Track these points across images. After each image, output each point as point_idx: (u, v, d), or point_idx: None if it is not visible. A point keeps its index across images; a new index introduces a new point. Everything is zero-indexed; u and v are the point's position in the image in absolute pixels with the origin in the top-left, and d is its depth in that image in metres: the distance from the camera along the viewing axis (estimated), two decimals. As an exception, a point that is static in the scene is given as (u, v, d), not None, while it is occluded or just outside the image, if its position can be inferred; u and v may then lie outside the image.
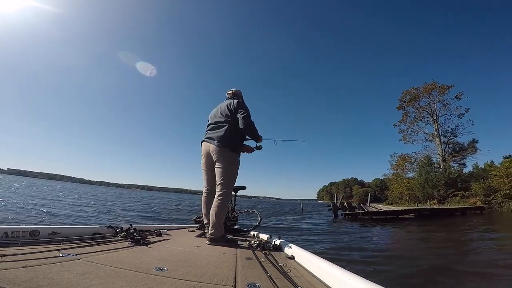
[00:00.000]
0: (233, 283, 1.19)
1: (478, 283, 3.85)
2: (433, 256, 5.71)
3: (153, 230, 2.59)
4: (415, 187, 30.24)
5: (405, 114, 35.49)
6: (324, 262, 1.42)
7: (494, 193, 21.82)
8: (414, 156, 35.01)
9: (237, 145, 2.65)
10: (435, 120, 33.23)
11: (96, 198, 24.03)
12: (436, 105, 33.21)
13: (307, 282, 1.28)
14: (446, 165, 30.70)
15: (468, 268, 4.60)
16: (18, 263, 1.11)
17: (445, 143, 32.90)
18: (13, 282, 0.90)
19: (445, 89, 32.20)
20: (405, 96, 35.31)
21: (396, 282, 3.79)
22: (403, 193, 32.73)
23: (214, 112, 2.82)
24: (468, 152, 31.46)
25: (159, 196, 63.38)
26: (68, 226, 2.15)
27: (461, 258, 5.60)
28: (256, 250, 2.09)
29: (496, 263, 4.93)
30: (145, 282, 1.07)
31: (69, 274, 1.05)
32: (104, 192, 53.36)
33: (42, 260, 1.20)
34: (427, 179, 28.85)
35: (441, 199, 27.12)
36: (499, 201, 20.85)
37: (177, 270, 1.30)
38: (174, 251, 1.85)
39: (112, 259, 1.38)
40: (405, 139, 35.43)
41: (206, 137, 2.70)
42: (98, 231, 2.21)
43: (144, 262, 1.39)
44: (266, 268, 1.46)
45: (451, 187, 27.20)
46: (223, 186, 2.51)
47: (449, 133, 32.79)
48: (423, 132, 34.48)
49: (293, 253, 1.95)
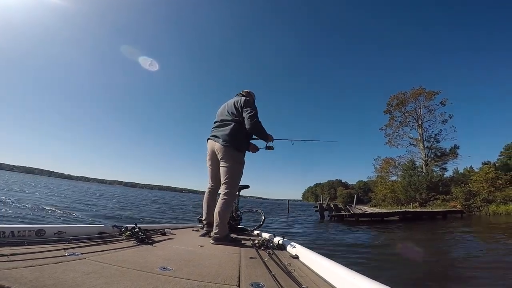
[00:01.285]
0: (237, 283, 1.17)
1: (456, 284, 4.10)
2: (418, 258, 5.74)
3: (158, 229, 2.59)
4: (399, 190, 30.87)
5: (391, 118, 36.22)
6: (328, 262, 1.41)
7: (474, 197, 22.65)
8: (398, 160, 35.87)
9: (242, 144, 2.62)
10: (420, 125, 34.05)
11: (67, 196, 21.89)
12: (421, 111, 34.07)
13: (311, 282, 1.27)
14: (429, 169, 31.54)
15: (447, 270, 4.76)
16: (24, 262, 1.10)
17: (428, 148, 33.78)
18: (19, 281, 0.89)
19: (432, 95, 33.02)
20: (392, 101, 35.98)
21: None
22: (386, 196, 33.36)
23: (221, 110, 2.78)
24: (449, 157, 32.49)
25: (140, 194, 61.41)
26: (73, 226, 2.22)
27: (441, 260, 5.84)
28: (259, 250, 2.08)
29: (472, 264, 5.14)
30: (150, 281, 1.06)
31: (74, 273, 1.05)
32: (83, 188, 50.66)
33: (48, 260, 1.20)
34: (410, 182, 29.53)
35: (423, 202, 27.82)
36: (478, 205, 21.61)
37: (182, 270, 1.30)
38: (179, 250, 1.85)
39: (117, 259, 1.38)
40: (390, 143, 36.21)
41: (212, 134, 2.67)
42: (103, 230, 2.23)
43: (149, 262, 1.39)
44: (270, 268, 1.45)
45: (432, 190, 28.01)
46: (228, 185, 2.50)
47: (433, 138, 33.76)
48: (408, 137, 35.37)
49: (297, 253, 1.93)
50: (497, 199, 21.15)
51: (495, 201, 21.13)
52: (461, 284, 4.04)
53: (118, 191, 65.50)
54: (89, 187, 58.04)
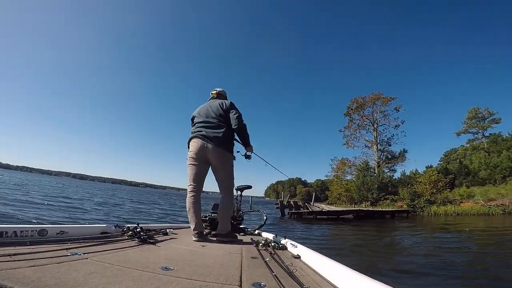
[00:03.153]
0: (239, 283, 1.17)
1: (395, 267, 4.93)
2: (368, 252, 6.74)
3: (160, 229, 2.62)
4: (353, 189, 32.46)
5: (350, 121, 37.93)
6: (330, 261, 1.42)
7: (418, 198, 24.63)
8: (353, 161, 37.78)
9: (232, 146, 2.74)
10: (375, 128, 36.24)
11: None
12: (377, 115, 36.26)
13: (313, 281, 1.27)
14: (380, 170, 33.83)
15: (391, 265, 5.26)
16: (27, 262, 1.10)
17: (381, 150, 36.16)
18: (22, 281, 0.89)
19: (388, 101, 35.31)
20: (352, 104, 37.66)
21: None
22: (341, 194, 34.94)
23: (205, 111, 2.78)
24: (398, 160, 35.28)
25: (98, 187, 55.29)
26: (76, 226, 2.22)
27: (386, 255, 6.56)
28: (261, 250, 2.07)
29: (411, 253, 6.45)
30: (152, 281, 1.06)
31: (76, 273, 1.05)
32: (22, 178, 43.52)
33: (50, 260, 1.20)
34: (363, 182, 31.20)
35: (374, 201, 29.62)
36: (422, 206, 23.51)
37: (183, 270, 1.30)
38: (180, 250, 1.88)
39: (119, 259, 1.38)
40: (347, 144, 37.88)
41: (201, 134, 2.62)
42: (105, 230, 2.24)
43: (151, 262, 1.39)
44: (272, 268, 1.45)
45: (382, 190, 29.98)
46: (228, 185, 2.67)
47: (385, 142, 36.27)
48: (364, 139, 37.39)
49: (299, 252, 1.91)
50: (438, 200, 23.31)
51: (436, 202, 23.23)
52: (399, 268, 4.83)
53: (73, 184, 58.65)
54: (38, 180, 50.66)
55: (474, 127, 43.61)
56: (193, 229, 2.48)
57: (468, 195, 22.89)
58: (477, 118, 42.98)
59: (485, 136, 41.92)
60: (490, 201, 20.56)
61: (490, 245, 7.67)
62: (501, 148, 31.87)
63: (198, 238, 2.44)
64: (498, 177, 25.59)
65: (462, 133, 45.64)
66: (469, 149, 41.87)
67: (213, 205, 3.39)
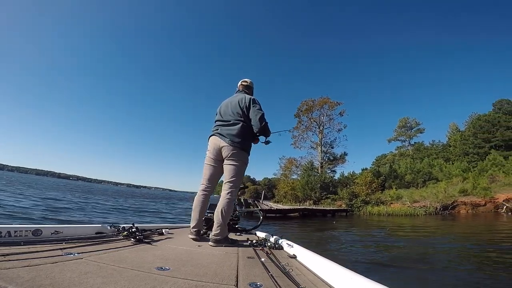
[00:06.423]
0: (235, 283, 1.17)
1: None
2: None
3: (155, 229, 2.60)
4: (298, 188, 33.15)
5: (299, 122, 38.83)
6: (326, 261, 1.42)
7: (356, 198, 26.06)
8: (299, 160, 38.88)
9: (249, 145, 2.66)
10: (321, 131, 37.84)
11: None
12: (324, 118, 37.91)
13: (309, 281, 1.27)
14: (323, 171, 35.44)
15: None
16: (20, 262, 1.10)
17: (324, 152, 37.95)
18: (16, 281, 0.89)
19: (334, 105, 37.11)
20: (302, 106, 38.65)
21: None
22: (287, 193, 35.44)
23: (224, 108, 2.73)
24: (339, 162, 37.52)
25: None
26: (70, 226, 2.17)
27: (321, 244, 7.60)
28: (257, 249, 2.08)
29: (347, 247, 7.25)
30: (147, 281, 1.06)
31: (71, 273, 1.04)
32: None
33: (45, 259, 1.19)
34: (308, 181, 32.08)
35: (317, 200, 30.60)
36: (359, 205, 24.90)
37: (179, 269, 1.30)
38: (176, 250, 1.87)
39: (114, 258, 1.38)
40: (295, 144, 38.70)
41: (217, 132, 2.61)
42: (100, 230, 2.22)
43: (146, 261, 1.39)
44: (268, 267, 1.44)
45: (324, 190, 31.21)
46: (233, 184, 2.54)
47: (328, 144, 38.21)
48: (310, 140, 38.73)
49: (295, 252, 1.92)
50: (372, 201, 25.01)
51: (370, 202, 24.87)
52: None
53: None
54: None
55: (402, 136, 49.73)
56: (192, 227, 2.49)
57: (397, 196, 25.08)
58: (406, 127, 49.07)
59: (411, 144, 48.16)
60: (414, 202, 22.77)
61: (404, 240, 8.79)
62: (423, 155, 36.68)
63: (195, 236, 2.45)
64: (419, 181, 28.82)
65: (392, 140, 51.73)
66: (397, 155, 47.35)
67: (210, 204, 3.19)
